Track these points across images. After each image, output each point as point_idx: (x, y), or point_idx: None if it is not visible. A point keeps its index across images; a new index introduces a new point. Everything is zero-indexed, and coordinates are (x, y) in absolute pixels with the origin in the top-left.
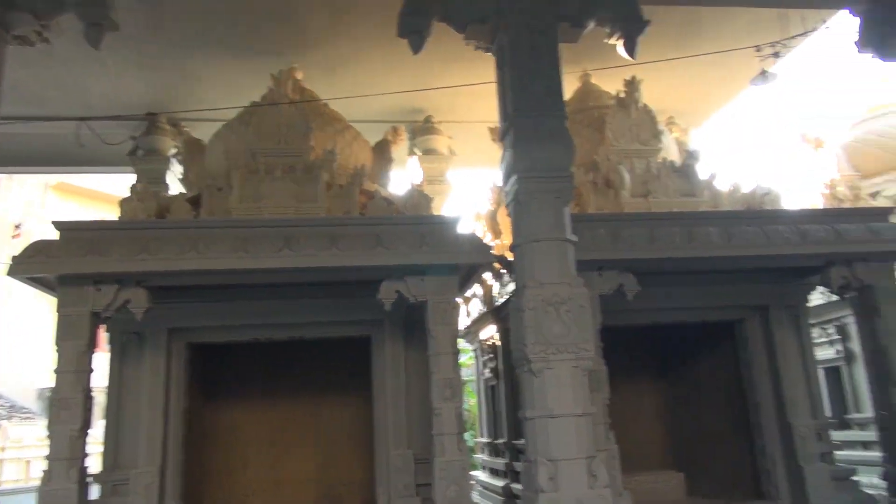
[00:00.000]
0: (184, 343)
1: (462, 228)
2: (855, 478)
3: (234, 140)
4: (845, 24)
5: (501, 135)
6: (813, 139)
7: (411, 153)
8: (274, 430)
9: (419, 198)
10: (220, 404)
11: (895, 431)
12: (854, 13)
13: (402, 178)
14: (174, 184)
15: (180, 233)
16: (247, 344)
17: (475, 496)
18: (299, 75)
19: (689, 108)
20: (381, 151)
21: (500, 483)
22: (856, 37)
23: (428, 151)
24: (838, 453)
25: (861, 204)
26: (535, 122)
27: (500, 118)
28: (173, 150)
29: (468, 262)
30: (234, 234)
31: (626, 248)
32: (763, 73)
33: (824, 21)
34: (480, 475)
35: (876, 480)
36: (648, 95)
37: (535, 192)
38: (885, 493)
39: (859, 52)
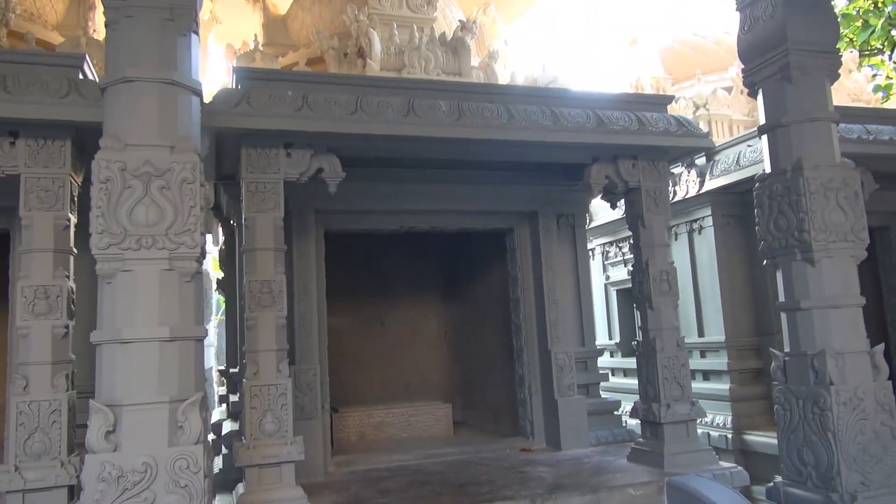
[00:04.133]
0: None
1: None
2: (618, 411)
3: None
4: None
5: None
6: (629, 38)
7: None
8: None
9: None
10: None
11: (649, 359)
12: None
13: None
14: None
15: None
16: None
17: None
18: None
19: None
20: None
21: None
22: None
23: None
24: (625, 381)
25: None
26: None
27: None
28: None
29: None
30: None
31: (317, 118)
32: None
33: None
34: None
35: None
36: None
37: (133, 9)
38: None
39: None
